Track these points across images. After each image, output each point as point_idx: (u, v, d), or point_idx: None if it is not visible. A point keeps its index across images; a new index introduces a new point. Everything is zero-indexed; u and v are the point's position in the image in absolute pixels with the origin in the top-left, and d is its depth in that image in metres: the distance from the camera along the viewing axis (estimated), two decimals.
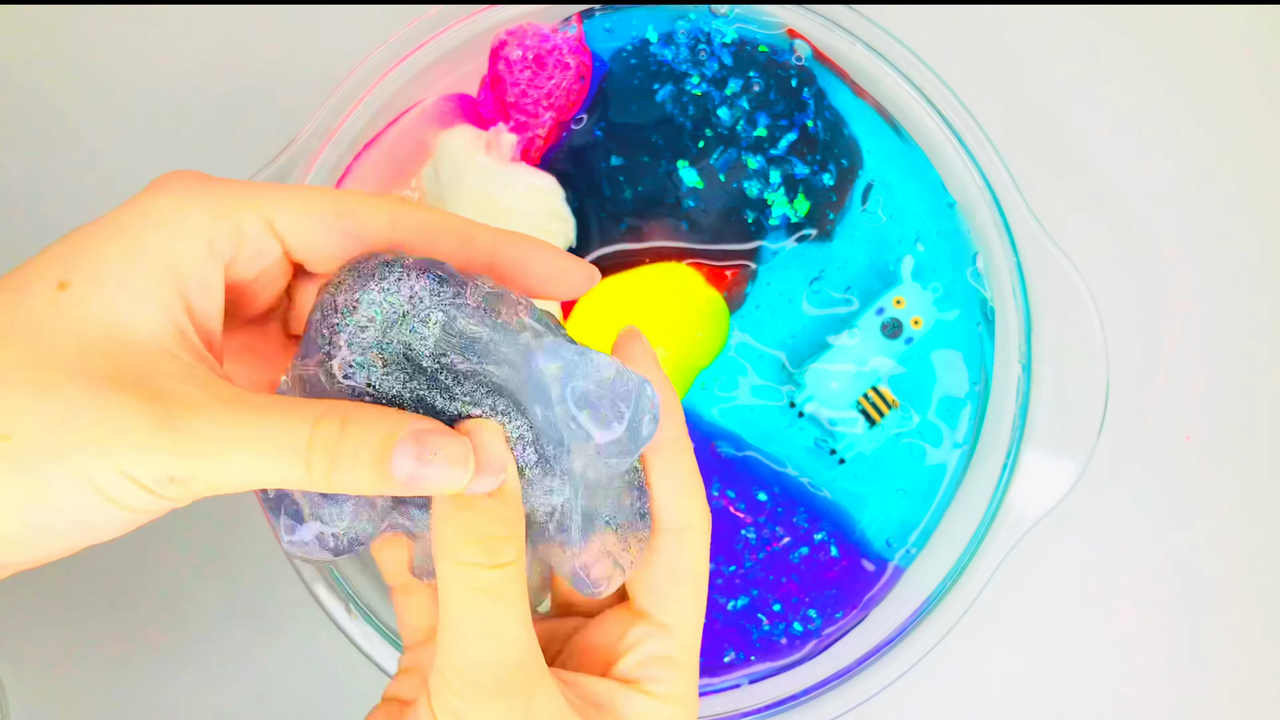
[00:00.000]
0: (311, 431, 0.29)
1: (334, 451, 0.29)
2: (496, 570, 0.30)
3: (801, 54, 0.50)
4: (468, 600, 0.30)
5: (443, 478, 0.30)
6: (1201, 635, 0.52)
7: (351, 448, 0.30)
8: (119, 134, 0.54)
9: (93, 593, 0.51)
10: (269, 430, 0.29)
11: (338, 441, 0.30)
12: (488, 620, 0.30)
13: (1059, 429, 0.48)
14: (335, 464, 0.29)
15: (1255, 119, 0.55)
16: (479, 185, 0.47)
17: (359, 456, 0.29)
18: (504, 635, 0.30)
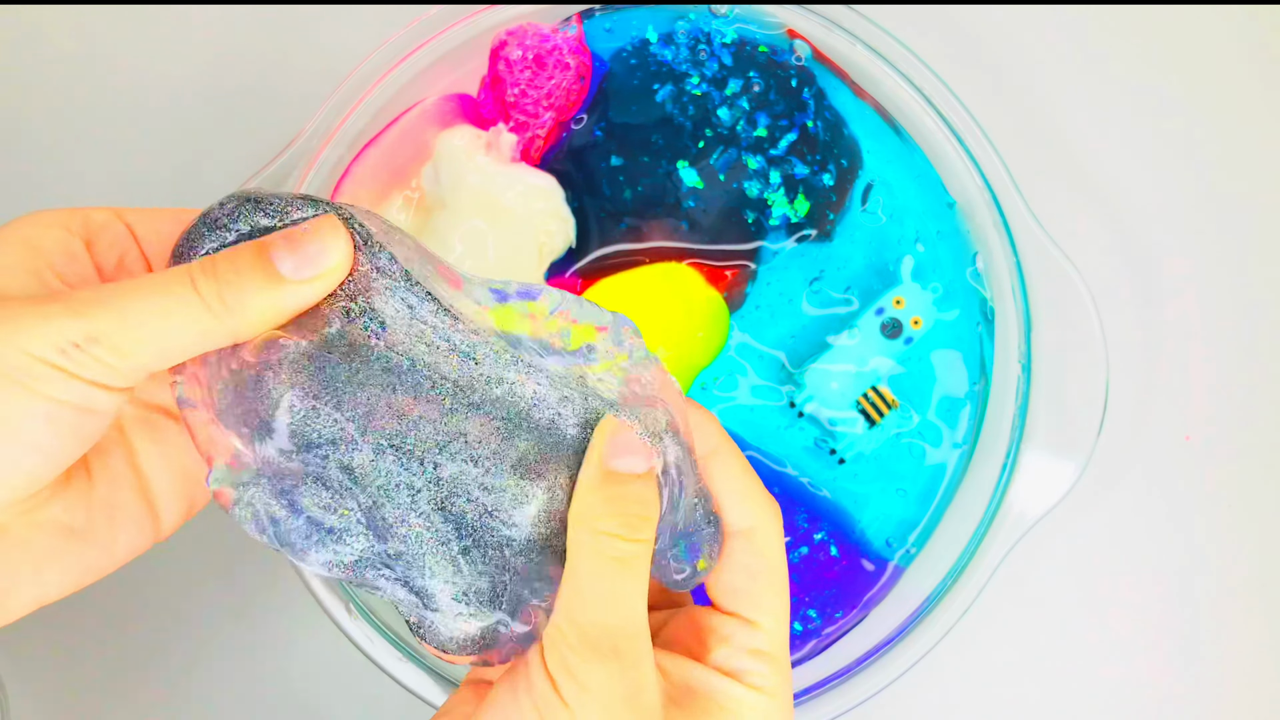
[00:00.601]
0: (189, 267, 0.32)
1: (215, 270, 0.31)
2: (630, 544, 0.32)
3: (801, 54, 0.50)
4: (598, 565, 0.31)
5: (324, 251, 0.32)
6: (1201, 635, 0.52)
7: (229, 263, 0.32)
8: (119, 134, 0.54)
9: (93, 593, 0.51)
10: (152, 280, 0.31)
11: (214, 265, 0.32)
12: (613, 587, 0.31)
13: (1059, 429, 0.48)
14: (221, 281, 0.31)
15: (1255, 119, 0.55)
16: (479, 185, 0.47)
17: (240, 268, 0.31)
18: (625, 604, 0.31)
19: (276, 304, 0.32)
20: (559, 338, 0.36)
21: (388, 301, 0.34)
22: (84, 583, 0.35)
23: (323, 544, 0.34)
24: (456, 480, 0.33)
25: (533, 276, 0.48)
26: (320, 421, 0.33)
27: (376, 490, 0.33)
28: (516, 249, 0.47)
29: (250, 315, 0.32)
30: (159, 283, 0.31)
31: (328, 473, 0.33)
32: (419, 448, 0.33)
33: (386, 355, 0.33)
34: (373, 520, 0.33)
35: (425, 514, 0.33)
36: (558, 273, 0.49)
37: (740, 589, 0.35)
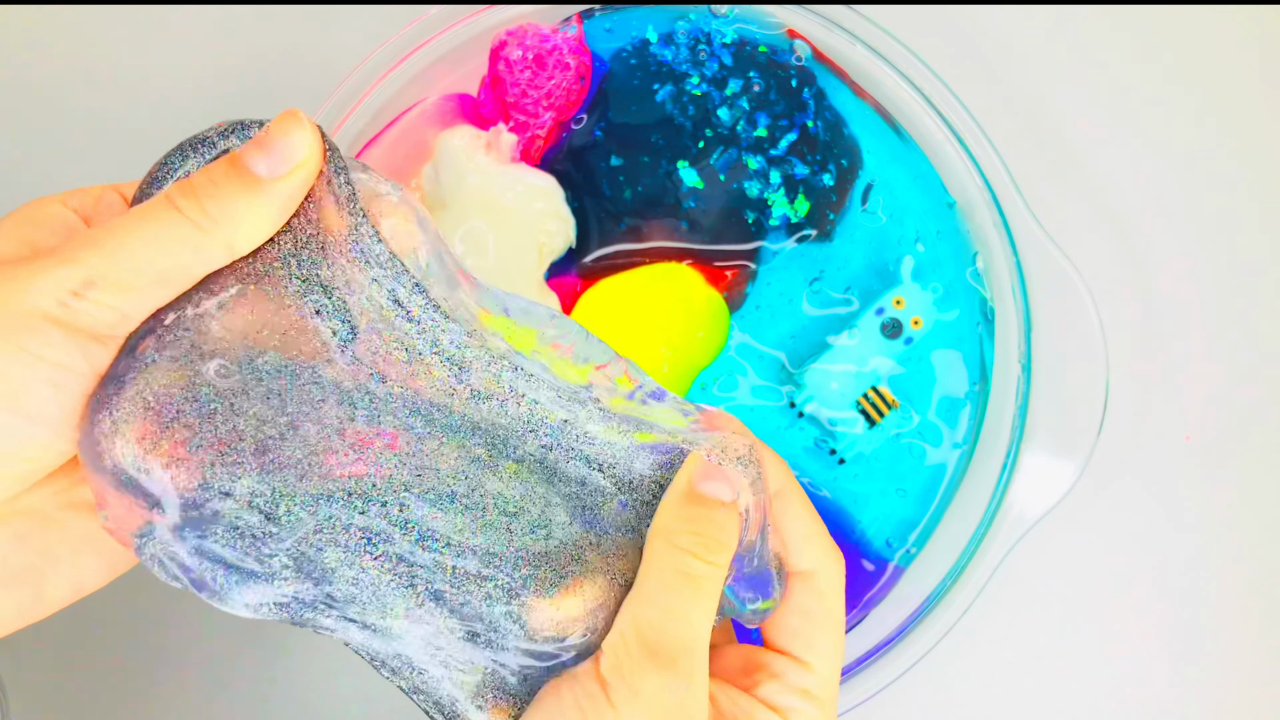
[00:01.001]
0: (167, 191, 0.32)
1: (192, 187, 0.31)
2: (704, 564, 0.32)
3: (801, 54, 0.50)
4: (670, 579, 0.32)
5: (293, 144, 0.32)
6: (1201, 635, 0.52)
7: (204, 177, 0.32)
8: (119, 134, 0.54)
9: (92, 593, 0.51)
10: (133, 213, 0.31)
11: (190, 183, 0.32)
12: (681, 601, 0.32)
13: (1059, 429, 0.48)
14: (200, 195, 0.31)
15: (1255, 119, 0.55)
16: (479, 185, 0.47)
17: (215, 178, 0.31)
18: (689, 620, 0.32)
19: (261, 208, 0.32)
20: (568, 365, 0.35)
21: (367, 294, 0.33)
22: (120, 568, 0.35)
23: (244, 586, 0.32)
24: (424, 521, 0.32)
25: (533, 276, 0.48)
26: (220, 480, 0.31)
27: (311, 535, 0.31)
28: (517, 249, 0.47)
29: (239, 223, 0.31)
30: (141, 213, 0.31)
31: (242, 519, 0.31)
32: (377, 488, 0.32)
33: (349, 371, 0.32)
34: (305, 563, 0.31)
35: (385, 555, 0.32)
36: (558, 273, 0.49)
37: (795, 629, 0.36)
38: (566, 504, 0.34)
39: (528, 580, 0.32)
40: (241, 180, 0.31)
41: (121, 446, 0.30)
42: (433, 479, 0.32)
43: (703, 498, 0.33)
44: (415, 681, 0.34)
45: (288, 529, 0.31)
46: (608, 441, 0.34)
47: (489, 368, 0.33)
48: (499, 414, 0.33)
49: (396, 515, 0.32)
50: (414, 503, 0.32)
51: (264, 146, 0.32)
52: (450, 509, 0.32)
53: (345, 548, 0.31)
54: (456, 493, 0.32)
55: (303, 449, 0.31)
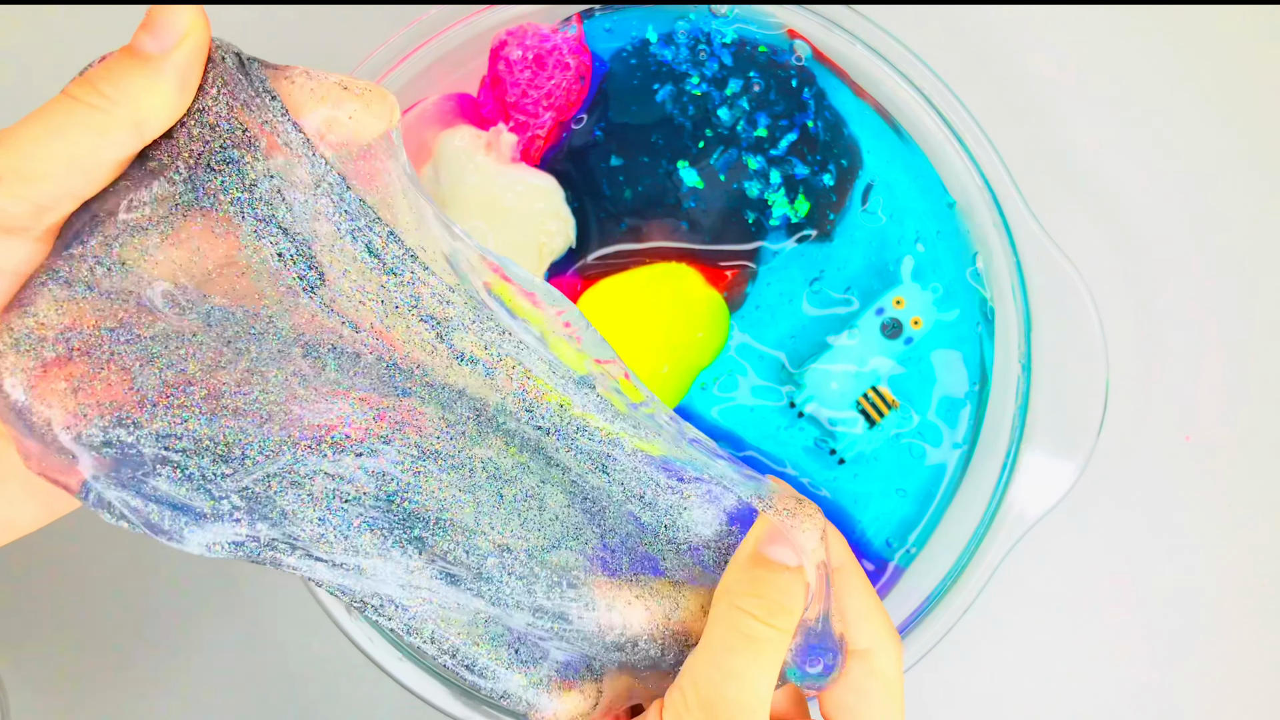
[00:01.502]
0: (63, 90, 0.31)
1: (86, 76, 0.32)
2: (766, 627, 0.32)
3: (801, 54, 0.50)
4: (732, 639, 0.32)
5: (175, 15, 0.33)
6: (1201, 635, 0.52)
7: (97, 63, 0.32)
8: None
9: (93, 592, 0.52)
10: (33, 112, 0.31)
11: (84, 73, 0.32)
12: (742, 663, 0.32)
13: (1059, 429, 0.48)
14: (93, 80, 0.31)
15: (1255, 119, 0.55)
16: (479, 185, 0.47)
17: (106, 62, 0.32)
18: (750, 682, 0.32)
19: (158, 82, 0.32)
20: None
21: (335, 242, 0.31)
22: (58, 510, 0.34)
23: (198, 526, 0.31)
24: (402, 473, 0.31)
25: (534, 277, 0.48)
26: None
27: (271, 478, 0.31)
28: (517, 249, 0.47)
29: (139, 100, 0.32)
30: (41, 109, 0.31)
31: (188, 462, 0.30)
32: (350, 439, 0.31)
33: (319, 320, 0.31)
34: (260, 505, 0.31)
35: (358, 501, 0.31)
36: (558, 273, 0.49)
37: (851, 707, 0.35)
38: (565, 488, 0.33)
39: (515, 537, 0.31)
40: (133, 59, 0.32)
41: (9, 383, 0.28)
42: (414, 434, 0.31)
43: (768, 561, 0.34)
44: (402, 620, 0.33)
45: (243, 473, 0.30)
46: (611, 441, 0.34)
47: (477, 328, 0.31)
48: (487, 384, 0.32)
49: (371, 465, 0.31)
50: (391, 453, 0.31)
51: (148, 26, 0.32)
52: (432, 465, 0.31)
53: (311, 493, 0.30)
54: (440, 451, 0.31)
55: (264, 396, 0.30)
